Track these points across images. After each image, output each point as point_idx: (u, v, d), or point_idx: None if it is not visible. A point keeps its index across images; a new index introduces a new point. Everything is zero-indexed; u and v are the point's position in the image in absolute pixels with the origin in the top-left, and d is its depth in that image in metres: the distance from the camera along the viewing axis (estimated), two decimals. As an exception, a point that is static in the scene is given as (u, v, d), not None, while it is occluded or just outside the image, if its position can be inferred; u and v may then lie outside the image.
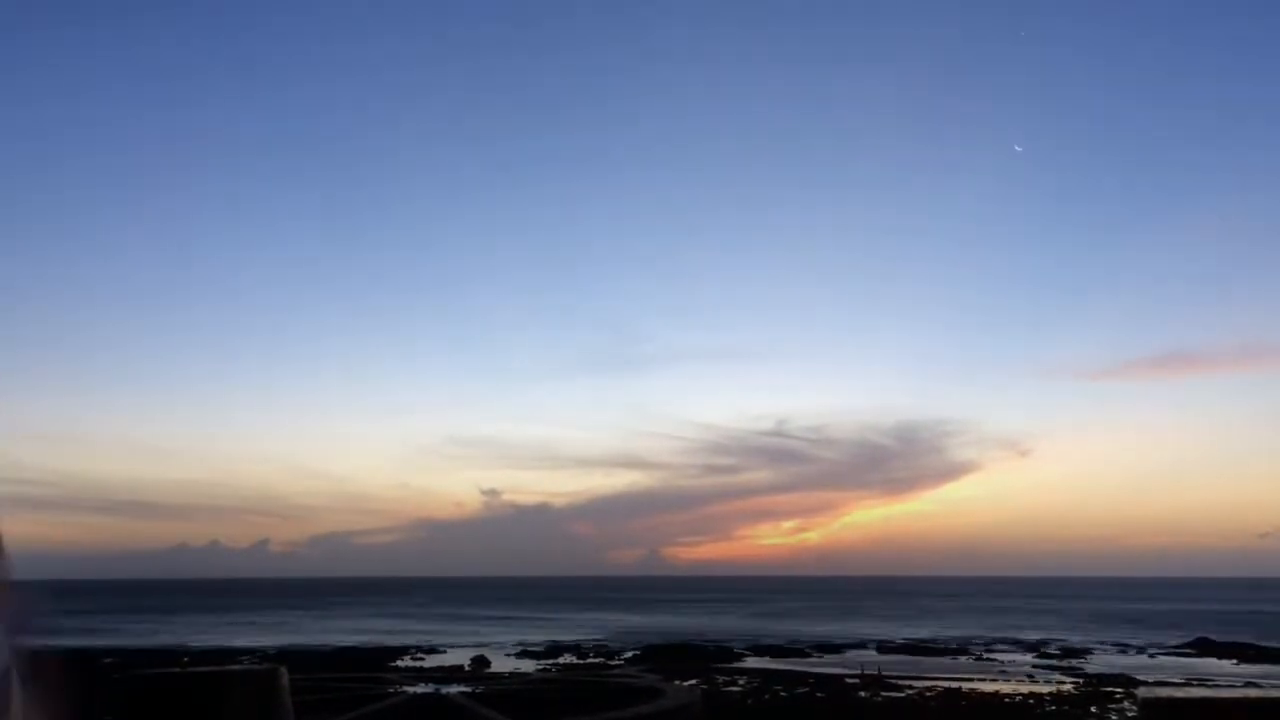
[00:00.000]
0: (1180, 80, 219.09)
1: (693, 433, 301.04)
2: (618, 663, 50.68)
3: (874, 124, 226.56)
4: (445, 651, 58.55)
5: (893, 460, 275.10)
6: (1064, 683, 40.51)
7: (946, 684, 38.50)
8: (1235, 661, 52.18)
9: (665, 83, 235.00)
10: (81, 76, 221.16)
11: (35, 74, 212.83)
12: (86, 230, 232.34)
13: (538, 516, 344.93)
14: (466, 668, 43.81)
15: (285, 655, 50.78)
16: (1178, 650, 59.75)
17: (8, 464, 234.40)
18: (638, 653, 55.83)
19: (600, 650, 58.94)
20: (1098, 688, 37.58)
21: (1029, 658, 54.69)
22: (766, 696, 33.71)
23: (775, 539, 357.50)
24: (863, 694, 35.07)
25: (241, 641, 66.49)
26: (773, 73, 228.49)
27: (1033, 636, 69.87)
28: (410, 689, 16.60)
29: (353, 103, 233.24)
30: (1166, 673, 45.21)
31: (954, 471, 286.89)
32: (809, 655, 56.65)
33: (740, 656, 54.04)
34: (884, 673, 41.99)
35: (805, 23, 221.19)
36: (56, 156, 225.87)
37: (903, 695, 34.89)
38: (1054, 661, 52.21)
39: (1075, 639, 67.56)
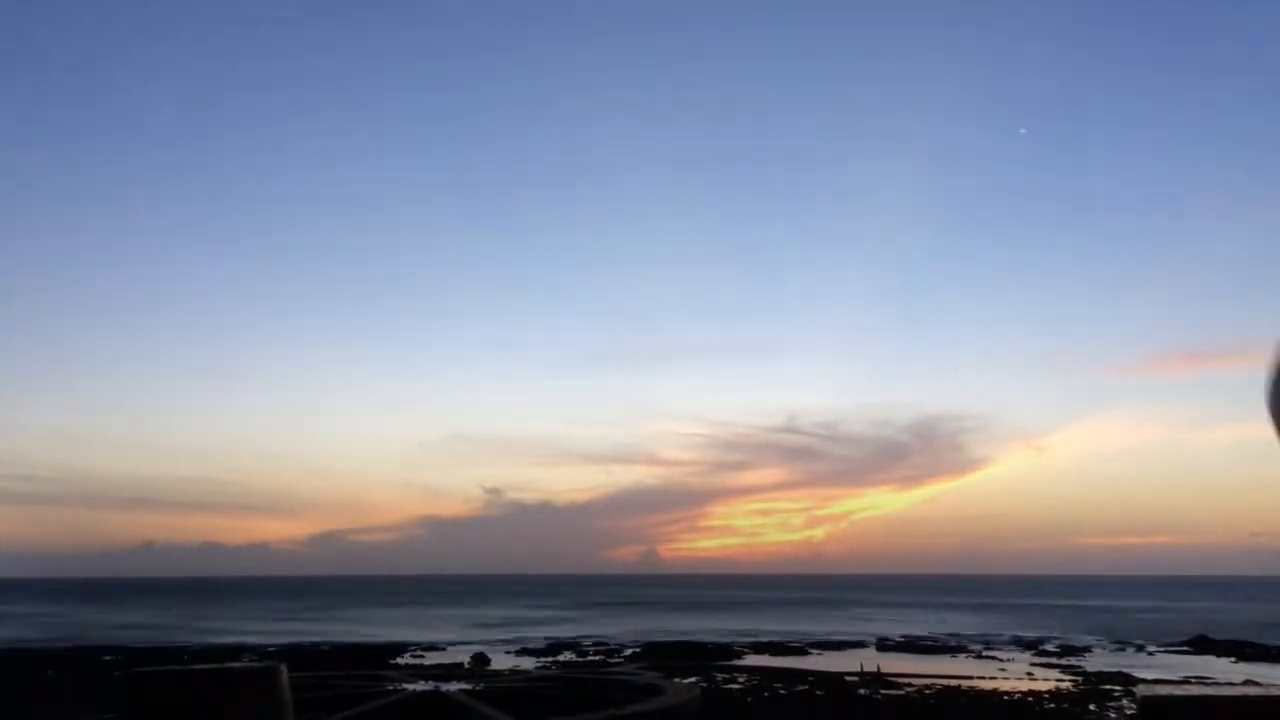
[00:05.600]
0: (1207, 76, 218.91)
1: (701, 429, 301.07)
2: (617, 660, 50.71)
3: (883, 117, 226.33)
4: (445, 649, 58.58)
5: (906, 457, 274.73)
6: (1063, 681, 40.55)
7: (946, 682, 38.52)
8: (1234, 660, 52.22)
9: (674, 80, 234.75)
10: (90, 84, 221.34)
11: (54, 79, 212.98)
12: (91, 230, 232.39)
13: (540, 514, 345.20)
14: (466, 665, 43.85)
15: (286, 653, 50.82)
16: (1176, 648, 59.82)
17: (12, 459, 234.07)
18: (637, 650, 55.87)
19: (600, 648, 58.98)
20: (1096, 686, 37.61)
21: (1028, 655, 54.71)
22: (766, 694, 33.73)
23: (781, 536, 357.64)
24: (862, 691, 35.10)
25: (242, 639, 66.52)
26: (778, 72, 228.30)
27: (1032, 634, 69.92)
28: (410, 686, 16.62)
29: (356, 102, 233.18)
30: (1165, 671, 45.24)
31: (967, 467, 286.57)
32: (808, 653, 56.68)
33: (740, 654, 54.06)
34: (883, 670, 42.02)
35: (810, 19, 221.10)
36: (58, 158, 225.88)
37: (902, 693, 34.91)
38: (1053, 659, 52.24)
39: (1074, 637, 67.61)
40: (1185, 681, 37.40)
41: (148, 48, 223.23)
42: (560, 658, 53.71)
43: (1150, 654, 56.90)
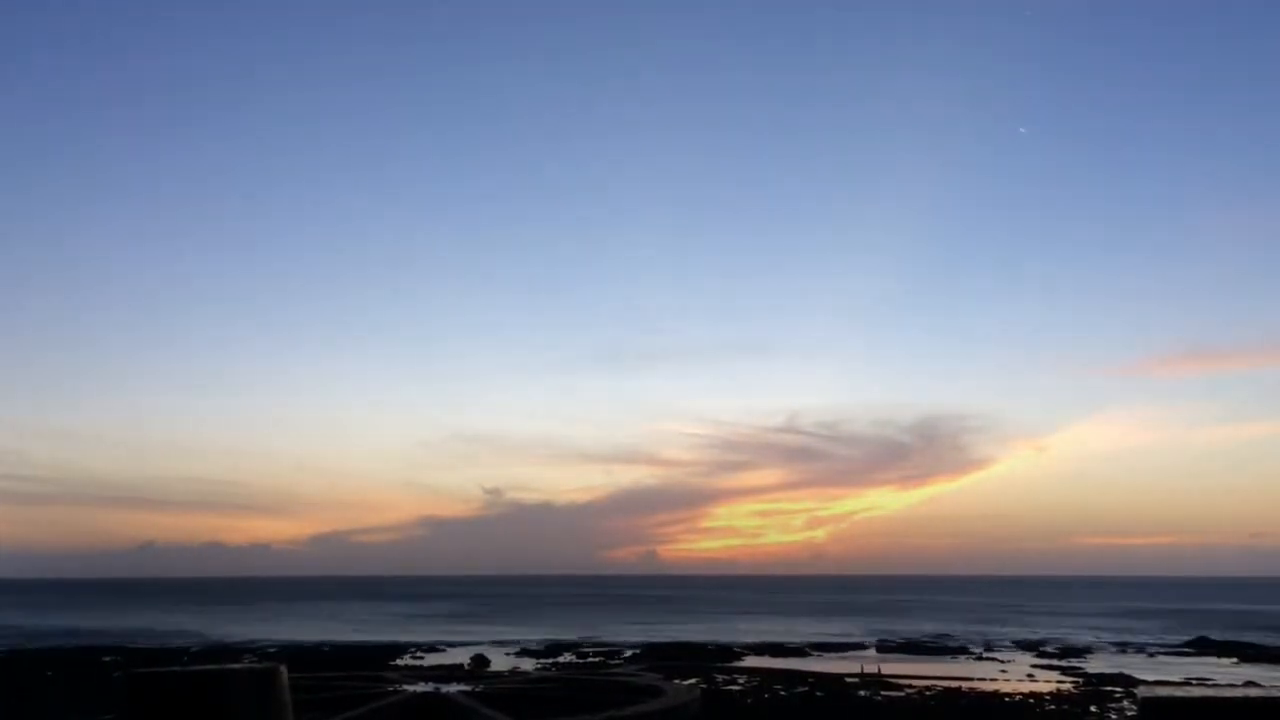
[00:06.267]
0: (1208, 78, 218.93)
1: (701, 428, 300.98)
2: (617, 662, 50.69)
3: (885, 118, 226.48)
4: (445, 650, 58.60)
5: (907, 457, 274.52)
6: (1063, 682, 40.52)
7: (946, 683, 38.49)
8: (1234, 660, 52.21)
9: (675, 81, 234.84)
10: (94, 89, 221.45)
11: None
12: (94, 230, 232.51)
13: (540, 514, 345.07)
14: (466, 666, 43.85)
15: (286, 653, 50.82)
16: (1177, 649, 59.81)
17: (12, 459, 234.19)
18: (637, 651, 55.86)
19: (600, 649, 58.95)
20: (1097, 687, 37.59)
21: (1028, 657, 54.70)
22: (766, 695, 33.70)
23: (782, 536, 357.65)
24: (862, 693, 35.07)
25: (242, 639, 66.53)
26: (780, 74, 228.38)
27: (1033, 635, 69.87)
28: (410, 687, 16.59)
29: (359, 104, 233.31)
30: (1165, 672, 45.23)
31: (968, 467, 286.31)
32: (808, 654, 56.66)
33: (740, 655, 54.04)
34: (883, 672, 42.00)
35: (811, 24, 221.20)
36: (57, 159, 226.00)
37: (902, 694, 34.89)
38: (1053, 661, 52.22)
39: (1075, 638, 67.56)
40: (1186, 683, 37.38)
41: (152, 50, 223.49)
42: (560, 659, 53.69)
43: (1151, 655, 56.88)
